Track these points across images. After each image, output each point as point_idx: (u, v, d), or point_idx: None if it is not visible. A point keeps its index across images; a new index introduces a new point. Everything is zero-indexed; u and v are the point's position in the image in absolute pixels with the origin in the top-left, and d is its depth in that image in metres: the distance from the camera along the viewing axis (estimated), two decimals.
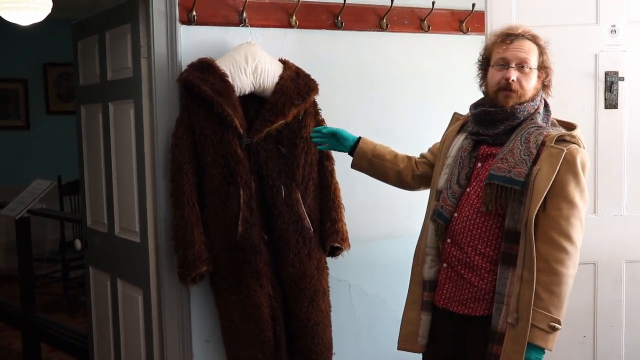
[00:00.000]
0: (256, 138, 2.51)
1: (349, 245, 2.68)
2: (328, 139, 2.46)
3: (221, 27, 2.66)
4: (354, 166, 2.44)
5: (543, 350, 1.91)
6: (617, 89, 2.44)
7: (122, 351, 3.03)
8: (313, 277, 2.60)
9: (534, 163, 1.93)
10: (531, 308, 1.88)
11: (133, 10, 2.66)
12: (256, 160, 2.54)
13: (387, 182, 2.43)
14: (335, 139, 2.44)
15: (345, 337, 2.95)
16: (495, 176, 1.94)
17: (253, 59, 2.53)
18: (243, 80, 2.52)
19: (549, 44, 2.05)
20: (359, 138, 2.42)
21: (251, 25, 2.68)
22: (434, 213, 2.11)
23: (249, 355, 2.53)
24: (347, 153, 2.44)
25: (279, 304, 2.59)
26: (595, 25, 2.46)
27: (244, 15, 2.67)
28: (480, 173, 2.04)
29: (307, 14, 2.81)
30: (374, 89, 3.00)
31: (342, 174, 2.69)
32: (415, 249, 2.21)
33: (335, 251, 2.70)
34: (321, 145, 2.49)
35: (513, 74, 1.98)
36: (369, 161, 2.39)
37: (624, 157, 2.47)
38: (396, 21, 2.99)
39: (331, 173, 2.67)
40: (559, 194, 1.91)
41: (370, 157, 2.38)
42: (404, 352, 2.19)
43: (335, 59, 2.90)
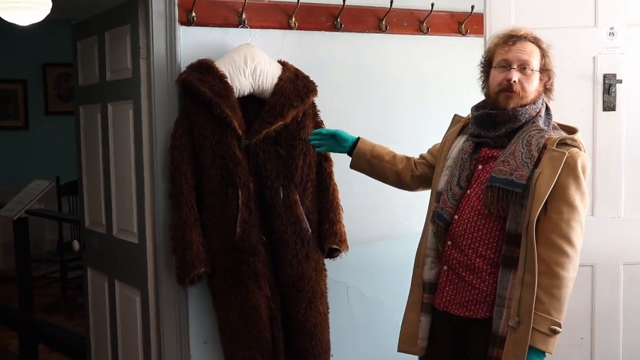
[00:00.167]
0: (255, 139, 2.51)
1: (347, 247, 2.68)
2: (327, 141, 2.47)
3: (220, 28, 2.66)
4: (352, 166, 2.45)
5: (544, 353, 1.91)
6: (615, 92, 2.44)
7: (120, 352, 3.03)
8: (311, 279, 2.60)
9: (536, 166, 1.92)
10: (532, 311, 1.88)
11: (132, 11, 2.66)
12: (255, 162, 2.54)
13: (387, 183, 2.43)
14: (335, 140, 2.45)
15: (343, 339, 2.95)
16: (496, 179, 1.94)
17: (252, 60, 2.53)
18: (242, 82, 2.52)
19: (551, 47, 2.05)
20: (358, 138, 2.43)
21: (250, 27, 2.68)
22: (434, 215, 2.11)
23: (247, 356, 2.53)
24: (346, 154, 2.45)
25: (277, 305, 2.59)
26: (593, 28, 2.46)
27: (244, 16, 2.67)
28: (481, 175, 2.04)
29: (307, 15, 2.81)
30: (373, 90, 3.01)
31: (341, 175, 2.69)
32: (416, 251, 2.21)
33: (333, 253, 2.70)
34: (320, 147, 2.50)
35: (515, 75, 1.98)
36: (367, 161, 2.40)
37: (622, 160, 2.47)
38: (395, 23, 2.99)
39: (329, 175, 2.67)
40: (559, 197, 1.91)
41: (368, 158, 2.39)
42: (402, 354, 2.18)
43: (334, 60, 2.91)
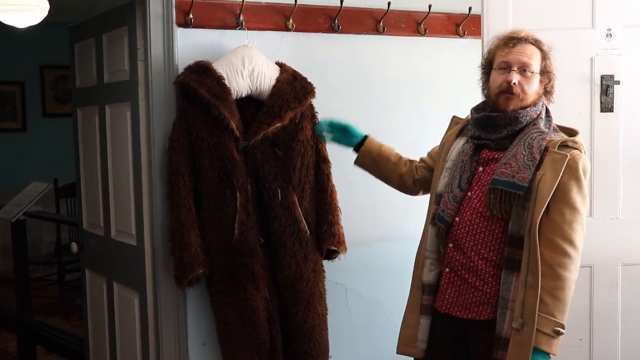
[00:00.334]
0: (253, 141, 2.51)
1: (346, 248, 2.68)
2: (335, 132, 2.44)
3: (218, 30, 2.66)
4: (357, 163, 2.42)
5: (548, 355, 1.91)
6: (613, 93, 2.44)
7: (118, 354, 3.03)
8: (309, 280, 2.60)
9: (538, 168, 1.92)
10: (536, 313, 1.87)
11: (130, 12, 2.66)
12: (253, 163, 2.53)
13: (388, 184, 2.42)
14: (343, 133, 2.42)
15: (342, 340, 2.95)
16: (498, 181, 1.94)
17: (250, 62, 2.53)
18: (240, 83, 2.52)
19: (552, 49, 2.04)
20: (366, 136, 2.41)
21: (248, 28, 2.68)
22: (434, 217, 2.10)
23: (245, 358, 2.52)
24: (352, 149, 2.42)
25: (275, 306, 2.58)
26: (591, 29, 2.46)
27: (241, 18, 2.67)
28: (482, 177, 2.04)
29: (304, 17, 2.81)
30: (370, 92, 3.00)
31: (339, 176, 2.69)
32: (416, 253, 2.20)
33: (331, 254, 2.69)
34: (324, 136, 2.47)
35: (515, 77, 1.98)
36: (373, 160, 2.38)
37: (620, 161, 2.47)
38: (393, 24, 2.99)
39: (327, 176, 2.66)
40: (561, 199, 1.91)
41: (374, 156, 2.37)
42: (400, 356, 2.18)
43: (332, 62, 2.91)
